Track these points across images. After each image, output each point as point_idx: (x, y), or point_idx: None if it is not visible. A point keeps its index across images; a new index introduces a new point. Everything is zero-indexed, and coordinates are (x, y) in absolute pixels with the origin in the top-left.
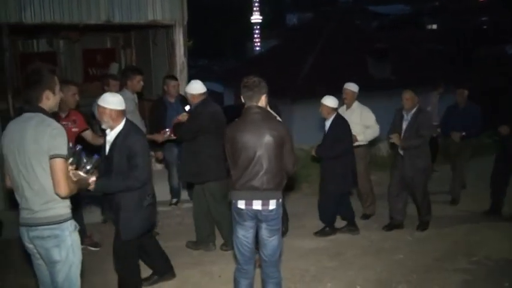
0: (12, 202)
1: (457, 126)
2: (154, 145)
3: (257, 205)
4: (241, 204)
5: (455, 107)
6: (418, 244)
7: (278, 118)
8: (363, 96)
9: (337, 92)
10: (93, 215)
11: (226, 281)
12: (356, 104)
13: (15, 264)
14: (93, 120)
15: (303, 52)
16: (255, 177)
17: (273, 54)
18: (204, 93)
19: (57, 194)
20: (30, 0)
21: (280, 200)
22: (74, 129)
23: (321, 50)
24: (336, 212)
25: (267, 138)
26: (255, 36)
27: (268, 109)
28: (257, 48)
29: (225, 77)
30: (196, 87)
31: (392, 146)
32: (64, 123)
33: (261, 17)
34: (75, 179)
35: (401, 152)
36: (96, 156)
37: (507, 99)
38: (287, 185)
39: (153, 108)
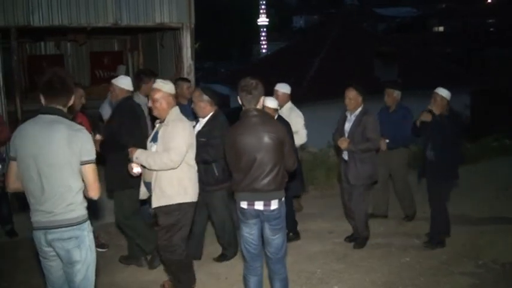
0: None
1: (386, 131)
2: None
3: (259, 205)
4: (243, 205)
5: (386, 109)
6: (425, 247)
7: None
8: (369, 99)
9: (343, 95)
10: (99, 215)
11: (232, 283)
12: (287, 107)
13: (22, 265)
14: (100, 122)
15: (309, 54)
16: (256, 180)
17: (279, 56)
18: (130, 91)
19: (91, 197)
20: (38, 3)
21: (283, 199)
22: None
23: (327, 52)
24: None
25: (266, 141)
26: (262, 38)
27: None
28: (263, 51)
29: (232, 79)
30: (127, 83)
31: (338, 150)
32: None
33: (267, 20)
34: None
35: (345, 157)
36: None
37: None
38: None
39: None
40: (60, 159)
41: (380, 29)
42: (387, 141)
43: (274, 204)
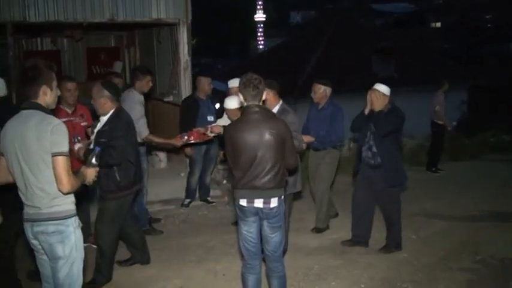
0: None
1: (313, 130)
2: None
3: (258, 203)
4: (242, 202)
5: (316, 106)
6: (423, 243)
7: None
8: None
9: (340, 91)
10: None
11: (230, 280)
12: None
13: (19, 262)
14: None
15: (306, 50)
16: (256, 178)
17: (277, 52)
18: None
19: (60, 191)
20: None
21: (282, 197)
22: (83, 124)
23: (324, 48)
24: None
25: (267, 138)
26: (259, 34)
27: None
28: (261, 47)
29: (229, 75)
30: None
31: None
32: (72, 118)
33: (264, 16)
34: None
35: None
36: (97, 149)
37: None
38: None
39: (185, 106)
40: (34, 156)
41: (377, 25)
42: (313, 139)
43: (273, 202)
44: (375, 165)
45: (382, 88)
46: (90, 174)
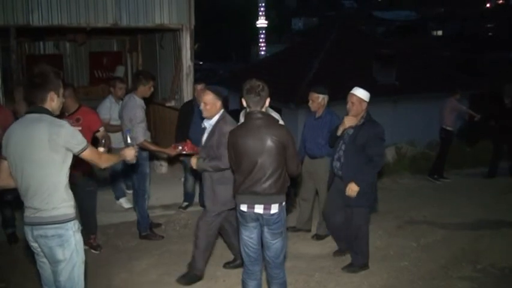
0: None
1: (310, 138)
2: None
3: (259, 209)
4: (243, 207)
5: (314, 114)
6: (423, 251)
7: (280, 121)
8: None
9: (341, 98)
10: (99, 215)
11: (230, 286)
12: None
13: (19, 265)
14: None
15: (308, 57)
16: (257, 183)
17: (278, 58)
18: None
19: (100, 168)
20: (38, 3)
21: (284, 204)
22: (77, 128)
23: (326, 54)
24: None
25: (269, 144)
26: (261, 40)
27: (272, 112)
28: (262, 53)
29: (230, 80)
30: None
31: None
32: (69, 120)
33: (266, 22)
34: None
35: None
36: (127, 131)
37: None
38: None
39: (181, 111)
40: (42, 157)
41: (379, 32)
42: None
43: (274, 208)
44: (342, 176)
45: (360, 93)
46: (130, 153)
